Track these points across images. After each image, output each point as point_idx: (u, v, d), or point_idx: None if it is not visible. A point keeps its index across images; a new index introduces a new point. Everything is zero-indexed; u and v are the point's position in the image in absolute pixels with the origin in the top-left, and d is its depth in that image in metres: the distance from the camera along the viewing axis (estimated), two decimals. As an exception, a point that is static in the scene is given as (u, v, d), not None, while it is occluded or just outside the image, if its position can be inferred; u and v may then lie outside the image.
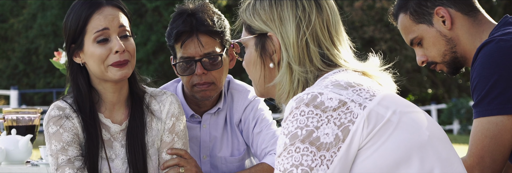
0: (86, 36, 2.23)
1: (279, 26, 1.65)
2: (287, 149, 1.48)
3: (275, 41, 1.66)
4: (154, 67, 24.26)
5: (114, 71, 2.24)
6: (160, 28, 24.81)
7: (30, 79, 27.53)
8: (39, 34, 27.09)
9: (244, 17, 1.72)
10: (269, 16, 1.67)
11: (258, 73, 1.71)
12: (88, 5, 2.24)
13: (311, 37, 1.64)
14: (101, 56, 2.23)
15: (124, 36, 2.27)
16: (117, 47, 2.22)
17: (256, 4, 1.70)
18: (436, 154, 1.52)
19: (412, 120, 1.54)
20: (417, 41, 2.36)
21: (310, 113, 1.48)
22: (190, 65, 2.54)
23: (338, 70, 1.64)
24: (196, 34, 2.51)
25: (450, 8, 2.30)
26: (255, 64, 1.71)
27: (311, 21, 1.64)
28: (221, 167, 2.70)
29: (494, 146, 2.01)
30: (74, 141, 2.28)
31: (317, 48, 1.63)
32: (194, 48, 2.52)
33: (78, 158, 2.26)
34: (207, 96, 2.58)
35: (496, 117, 2.01)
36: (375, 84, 1.63)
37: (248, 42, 1.72)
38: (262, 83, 1.73)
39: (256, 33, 1.70)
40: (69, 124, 2.29)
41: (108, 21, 2.23)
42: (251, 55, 1.72)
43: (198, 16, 2.53)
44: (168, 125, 2.40)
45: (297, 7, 1.65)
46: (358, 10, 22.82)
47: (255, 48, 1.70)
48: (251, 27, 1.71)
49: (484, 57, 2.06)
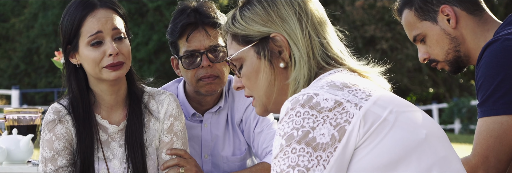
0: (81, 39, 2.24)
1: (282, 25, 1.66)
2: (283, 150, 1.48)
3: (280, 40, 1.65)
4: (156, 67, 24.26)
5: (108, 73, 2.25)
6: (161, 28, 24.81)
7: (31, 79, 27.54)
8: (40, 33, 27.10)
9: (235, 29, 1.70)
10: (267, 18, 1.67)
11: (268, 79, 1.68)
12: (81, 8, 2.24)
13: (312, 29, 1.66)
14: (95, 59, 2.24)
15: (118, 38, 2.27)
16: (110, 50, 2.23)
17: (245, 13, 1.69)
18: (434, 153, 1.52)
19: (409, 119, 1.53)
20: (421, 38, 2.35)
21: (306, 113, 1.48)
22: (195, 58, 2.55)
23: (333, 71, 1.64)
24: (202, 26, 2.53)
25: (456, 7, 2.29)
26: (264, 70, 1.67)
27: (309, 14, 1.67)
28: (222, 166, 2.70)
29: (499, 145, 2.00)
30: (65, 149, 2.33)
31: (318, 38, 1.66)
32: (200, 41, 2.53)
33: (65, 169, 2.32)
34: (212, 90, 2.57)
35: (501, 117, 2.00)
36: (371, 84, 1.63)
37: (246, 54, 1.69)
38: (271, 91, 1.68)
39: (254, 41, 1.68)
40: (62, 129, 2.33)
41: (101, 24, 2.23)
42: (255, 66, 1.68)
43: (201, 10, 2.55)
44: (166, 125, 2.40)
45: (292, 4, 1.67)
46: (359, 9, 22.82)
47: (257, 56, 1.68)
48: (248, 36, 1.68)
49: (489, 57, 2.05)
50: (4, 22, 28.59)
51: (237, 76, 1.74)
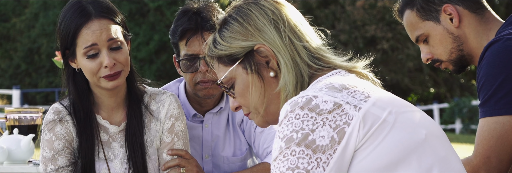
0: (77, 48, 2.24)
1: (260, 35, 1.67)
2: (283, 153, 1.48)
3: (265, 50, 1.66)
4: (157, 67, 24.25)
5: (106, 82, 2.26)
6: (162, 28, 24.81)
7: (32, 78, 27.54)
8: (41, 33, 27.10)
9: (219, 52, 1.70)
10: (246, 32, 1.68)
11: (258, 91, 1.69)
12: (77, 17, 2.22)
13: (291, 33, 1.67)
14: (93, 70, 2.24)
15: (115, 48, 2.26)
16: (106, 62, 2.22)
17: (224, 33, 1.70)
18: (434, 153, 1.52)
19: (409, 119, 1.53)
20: (423, 38, 2.34)
21: (305, 116, 1.48)
22: (194, 63, 2.55)
23: (332, 73, 1.65)
24: (201, 31, 2.52)
25: (458, 6, 2.28)
26: (253, 85, 1.68)
27: (284, 19, 1.67)
28: (223, 167, 2.70)
29: (501, 146, 2.00)
30: (65, 149, 2.33)
31: (299, 42, 1.67)
32: (199, 46, 2.53)
33: (66, 169, 2.32)
34: (210, 94, 2.58)
35: (503, 117, 1.99)
36: (370, 85, 1.63)
37: (235, 72, 1.70)
38: (263, 102, 1.68)
39: (241, 57, 1.68)
40: (62, 129, 2.33)
41: (96, 36, 2.21)
42: (245, 81, 1.69)
43: (203, 15, 2.54)
44: (167, 126, 2.40)
45: (266, 12, 1.68)
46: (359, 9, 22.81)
47: (246, 72, 1.69)
48: (233, 55, 1.69)
49: (491, 56, 2.04)
50: (5, 22, 28.59)
51: (232, 97, 1.74)
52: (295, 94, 1.64)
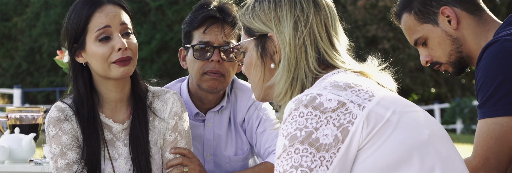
0: (88, 35, 2.24)
1: (277, 26, 1.67)
2: (287, 151, 1.48)
3: (276, 41, 1.67)
4: (158, 66, 24.25)
5: (117, 69, 2.25)
6: (163, 27, 24.81)
7: (34, 78, 27.56)
8: (42, 33, 27.11)
9: (244, 20, 1.74)
10: (268, 16, 1.68)
11: (258, 75, 1.72)
12: (89, 4, 2.25)
13: (309, 37, 1.65)
14: (104, 55, 2.23)
15: (126, 33, 2.28)
16: (119, 44, 2.23)
17: (255, 6, 1.72)
18: (436, 153, 1.52)
19: (412, 119, 1.54)
20: (422, 41, 2.34)
21: (309, 114, 1.48)
22: (207, 51, 2.56)
23: (337, 71, 1.64)
24: (222, 21, 2.56)
25: (456, 8, 2.28)
26: (256, 66, 1.72)
27: (309, 20, 1.65)
28: (225, 166, 2.71)
29: (500, 147, 2.00)
30: (73, 143, 2.30)
31: (313, 48, 1.65)
32: (216, 35, 2.55)
33: (77, 161, 2.28)
34: (214, 87, 2.58)
35: (501, 118, 1.99)
36: (375, 84, 1.63)
37: (248, 45, 1.73)
38: (261, 85, 1.72)
39: (256, 35, 1.71)
40: (68, 126, 2.31)
41: (109, 19, 2.24)
42: (251, 58, 1.73)
43: (225, 8, 2.59)
44: (171, 124, 2.40)
45: (296, 6, 1.67)
46: (361, 9, 22.81)
47: (255, 50, 1.71)
48: (251, 30, 1.72)
49: (489, 58, 2.04)
50: (6, 21, 28.61)
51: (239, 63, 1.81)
52: (285, 94, 1.64)
